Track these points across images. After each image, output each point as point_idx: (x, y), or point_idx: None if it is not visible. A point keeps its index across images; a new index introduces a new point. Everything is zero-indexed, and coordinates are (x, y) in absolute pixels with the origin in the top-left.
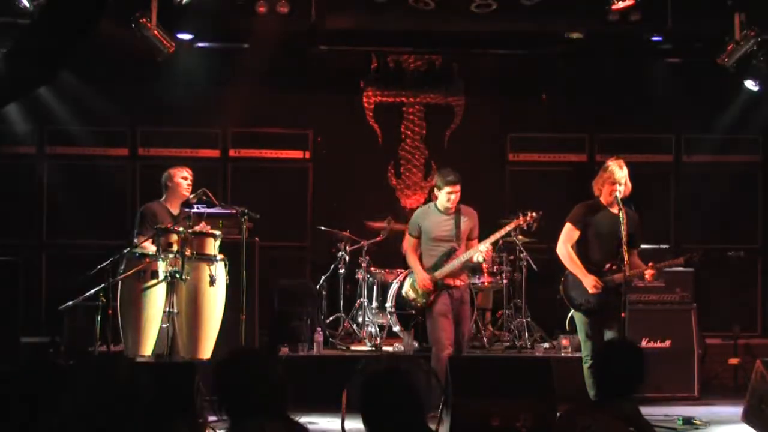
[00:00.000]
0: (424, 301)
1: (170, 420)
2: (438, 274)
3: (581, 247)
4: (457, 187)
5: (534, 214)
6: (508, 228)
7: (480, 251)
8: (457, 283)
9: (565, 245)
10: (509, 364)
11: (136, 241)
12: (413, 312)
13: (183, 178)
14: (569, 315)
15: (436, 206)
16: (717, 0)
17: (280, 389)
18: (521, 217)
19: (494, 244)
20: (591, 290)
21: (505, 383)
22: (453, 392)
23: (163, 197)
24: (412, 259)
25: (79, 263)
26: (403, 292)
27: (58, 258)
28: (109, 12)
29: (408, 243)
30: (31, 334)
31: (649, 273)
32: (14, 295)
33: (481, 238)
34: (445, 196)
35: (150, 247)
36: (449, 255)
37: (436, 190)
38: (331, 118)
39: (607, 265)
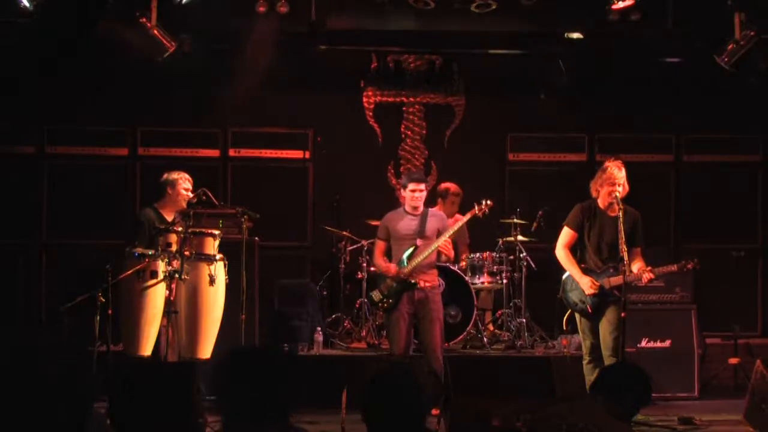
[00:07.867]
0: (391, 301)
1: (172, 420)
2: (407, 269)
3: (580, 249)
4: (422, 186)
5: (489, 201)
6: (465, 218)
7: (440, 242)
8: (422, 283)
9: (563, 248)
10: (509, 364)
11: (133, 250)
12: (380, 313)
13: (185, 189)
14: (566, 315)
15: (404, 209)
16: (717, 0)
17: (284, 392)
18: (476, 207)
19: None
20: (588, 291)
21: (505, 383)
22: (453, 392)
23: (160, 201)
24: (378, 262)
25: (79, 263)
26: (369, 296)
27: (58, 258)
28: (109, 12)
29: (375, 246)
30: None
31: (645, 277)
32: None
33: (475, 241)
34: (410, 194)
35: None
36: (413, 252)
37: (402, 190)
38: (331, 118)
39: (610, 269)
